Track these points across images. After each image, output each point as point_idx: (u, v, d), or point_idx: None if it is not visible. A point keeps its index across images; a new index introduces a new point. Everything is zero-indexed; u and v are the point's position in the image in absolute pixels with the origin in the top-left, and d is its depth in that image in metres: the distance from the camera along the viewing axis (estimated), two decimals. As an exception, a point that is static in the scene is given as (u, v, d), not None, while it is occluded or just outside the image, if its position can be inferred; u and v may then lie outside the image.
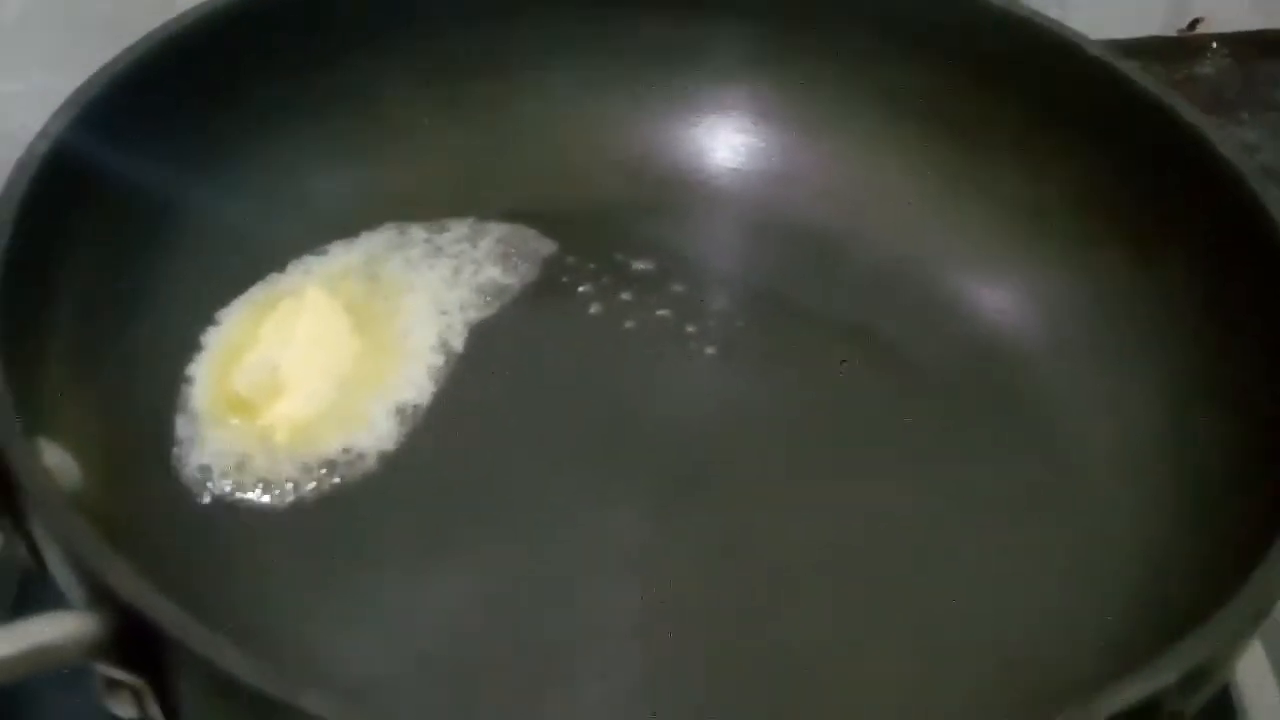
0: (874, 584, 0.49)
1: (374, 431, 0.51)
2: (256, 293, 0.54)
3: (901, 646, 0.48)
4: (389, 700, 0.44)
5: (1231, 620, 0.39)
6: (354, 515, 0.49)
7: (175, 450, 0.49)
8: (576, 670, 0.46)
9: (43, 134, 0.46)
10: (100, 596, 0.36)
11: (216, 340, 0.52)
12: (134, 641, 0.36)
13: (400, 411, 0.52)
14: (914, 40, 0.58)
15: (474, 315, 0.55)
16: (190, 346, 0.52)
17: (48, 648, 0.35)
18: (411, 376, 0.53)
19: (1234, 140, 0.53)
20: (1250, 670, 0.53)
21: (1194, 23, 0.88)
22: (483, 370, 0.54)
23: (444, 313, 0.55)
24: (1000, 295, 0.57)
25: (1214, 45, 0.88)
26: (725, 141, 0.61)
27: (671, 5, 0.59)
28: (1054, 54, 0.56)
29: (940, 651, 0.48)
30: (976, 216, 0.58)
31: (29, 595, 0.51)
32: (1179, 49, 0.87)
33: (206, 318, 0.53)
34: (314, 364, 0.52)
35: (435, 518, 0.49)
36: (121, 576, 0.35)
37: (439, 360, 0.53)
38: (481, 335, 0.55)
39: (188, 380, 0.51)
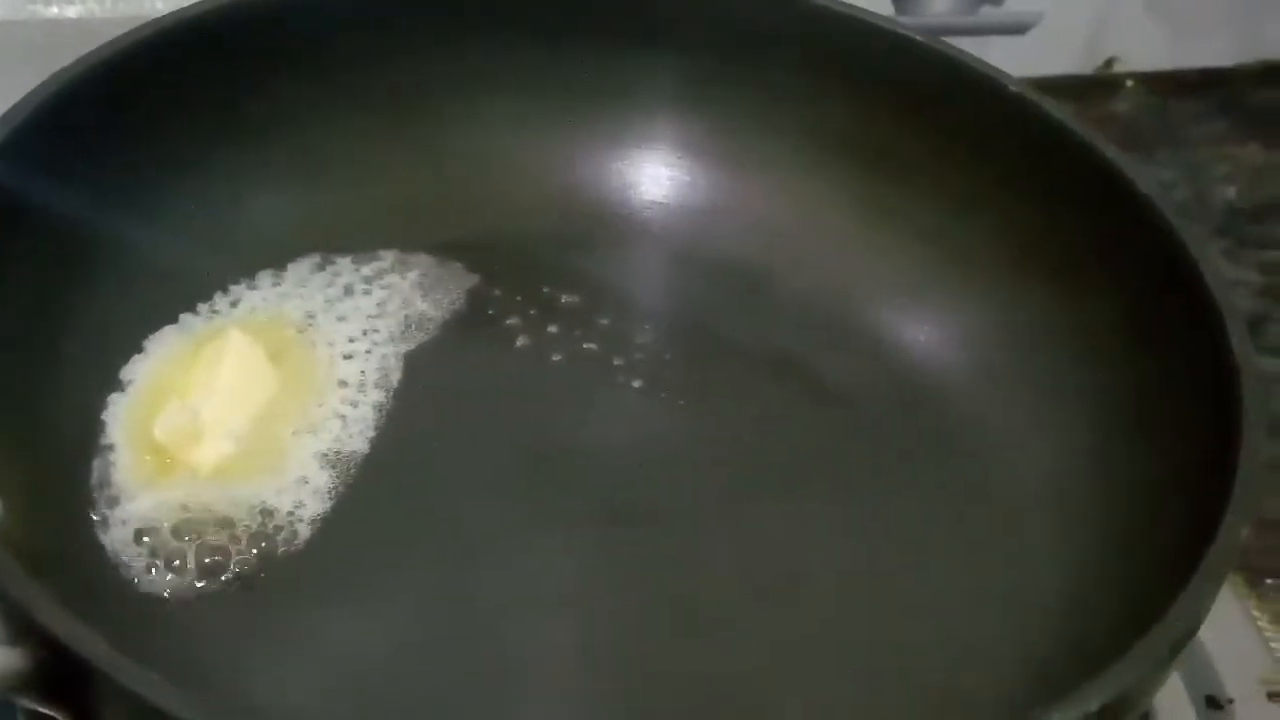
0: (800, 615, 0.49)
1: (298, 471, 0.50)
2: (186, 323, 0.54)
3: (828, 677, 0.48)
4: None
5: (1152, 650, 0.40)
6: (282, 554, 0.48)
7: (95, 496, 0.48)
8: (510, 704, 0.46)
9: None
10: (24, 630, 0.35)
11: (139, 377, 0.51)
12: (59, 675, 0.35)
13: (324, 450, 0.51)
14: (839, 75, 0.59)
15: (401, 348, 0.55)
16: (113, 382, 0.51)
17: (-30, 681, 0.35)
18: (336, 412, 0.52)
19: (1150, 176, 0.54)
20: (1168, 699, 0.54)
21: (1109, 61, 0.89)
22: (409, 404, 0.53)
23: (370, 345, 0.55)
24: (926, 326, 0.58)
25: (1129, 84, 0.89)
26: (652, 175, 0.62)
27: (600, 40, 0.60)
28: (976, 90, 0.57)
29: (867, 682, 0.48)
30: (901, 249, 0.59)
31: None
32: (1095, 87, 0.89)
33: (133, 347, 0.52)
34: (236, 407, 0.51)
35: (364, 554, 0.49)
36: (47, 610, 0.35)
37: (364, 395, 0.53)
38: (408, 369, 0.54)
39: (109, 421, 0.50)
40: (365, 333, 0.55)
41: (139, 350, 0.52)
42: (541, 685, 0.47)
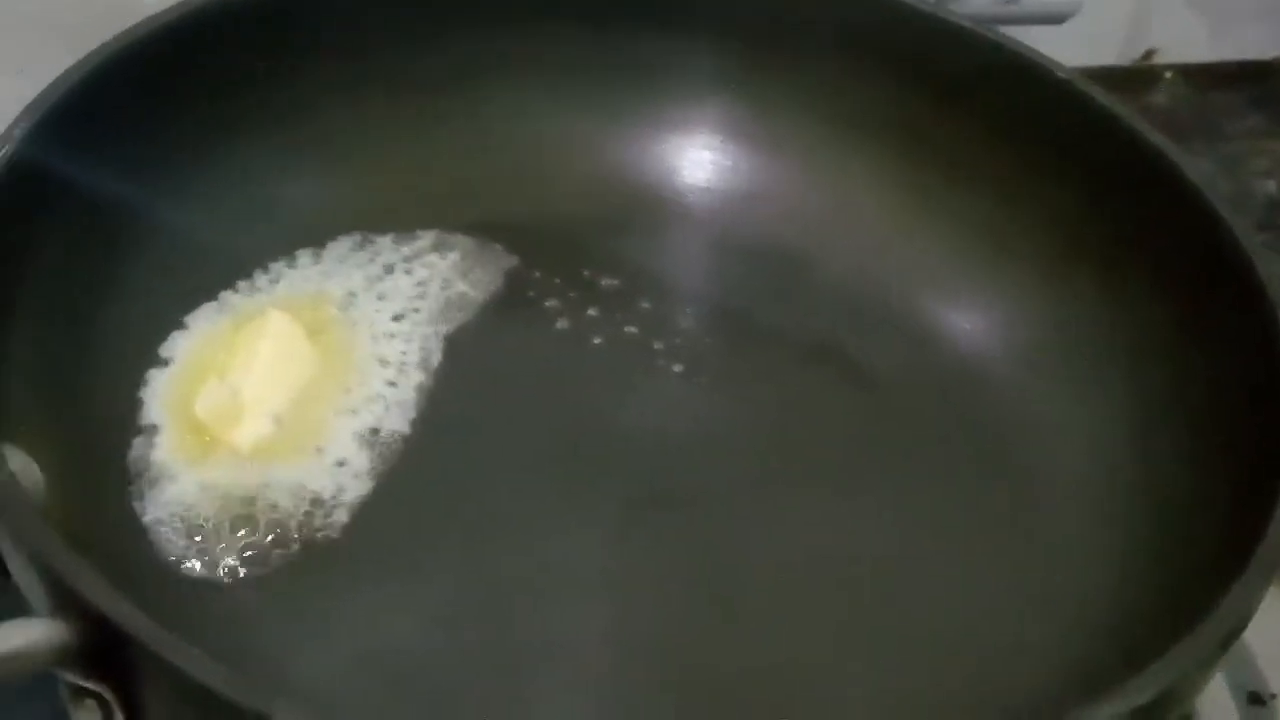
0: (835, 605, 0.49)
1: (338, 452, 0.50)
2: (226, 301, 0.54)
3: (866, 668, 0.48)
4: (358, 714, 0.43)
5: (1199, 647, 0.39)
6: (322, 537, 0.48)
7: (135, 474, 0.48)
8: (545, 689, 0.46)
9: (3, 139, 0.46)
10: (68, 604, 0.35)
11: (179, 354, 0.51)
12: (102, 650, 0.35)
13: (363, 430, 0.51)
14: (883, 61, 0.58)
15: (441, 328, 0.55)
16: (154, 359, 0.51)
17: (15, 655, 0.35)
18: (376, 392, 0.52)
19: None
20: (1210, 694, 0.53)
21: (1148, 53, 0.88)
22: (449, 385, 0.53)
23: (411, 325, 0.54)
24: (966, 315, 0.58)
25: (1168, 75, 0.88)
26: (693, 159, 0.61)
27: (643, 22, 0.59)
28: (1022, 76, 0.56)
29: (905, 672, 0.48)
30: (943, 236, 0.59)
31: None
32: (1133, 79, 0.88)
33: (174, 324, 0.52)
34: (276, 387, 0.51)
35: (402, 537, 0.48)
36: (91, 584, 0.35)
37: (405, 376, 0.53)
38: (448, 350, 0.54)
39: (149, 398, 0.50)
40: (406, 313, 0.55)
41: (179, 327, 0.52)
42: (576, 670, 0.47)
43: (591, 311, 0.57)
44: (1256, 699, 0.53)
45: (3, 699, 0.45)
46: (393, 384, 0.52)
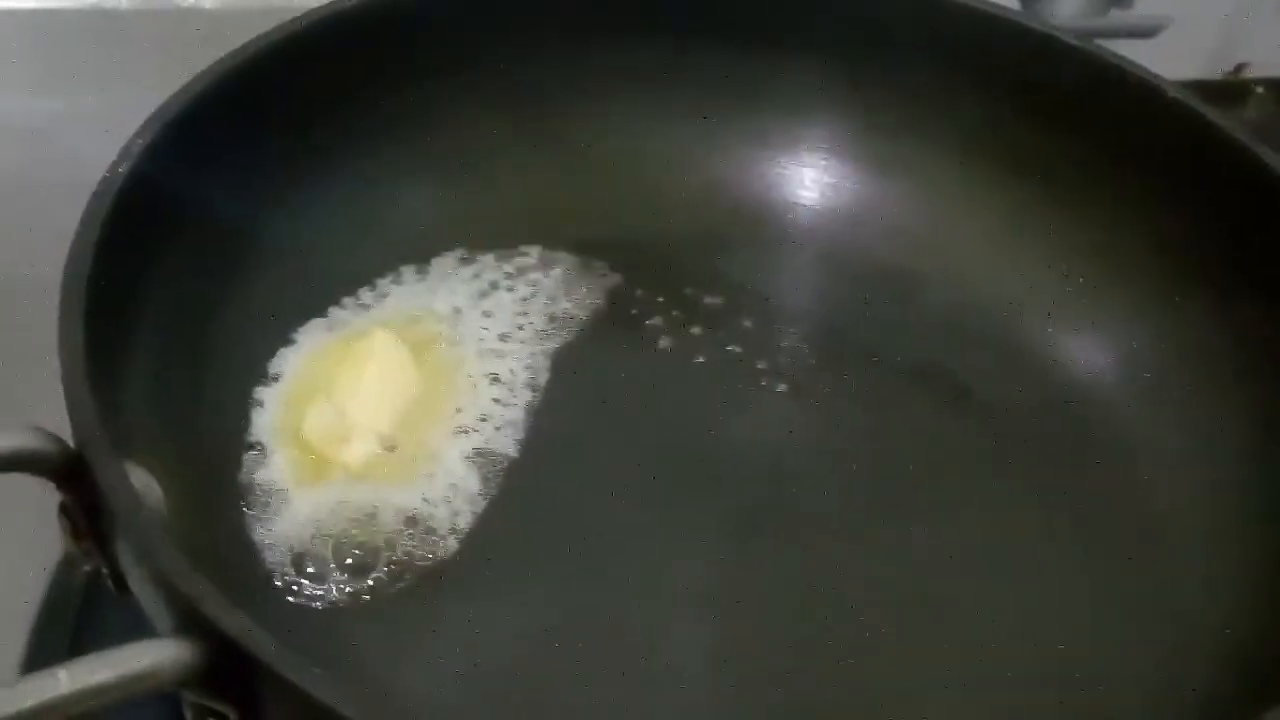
0: (941, 632, 0.49)
1: (447, 474, 0.50)
2: (333, 316, 0.54)
3: (969, 698, 0.47)
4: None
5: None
6: (431, 559, 0.48)
7: (247, 494, 0.48)
8: (647, 709, 0.46)
9: (123, 155, 0.46)
10: (193, 624, 0.35)
11: (288, 371, 0.52)
12: (226, 670, 0.35)
13: (473, 452, 0.51)
14: (990, 78, 0.58)
15: (546, 346, 0.55)
16: (263, 375, 0.51)
17: (142, 675, 0.35)
18: (484, 411, 0.52)
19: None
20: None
21: (1239, 67, 0.87)
22: (555, 404, 0.53)
23: (517, 344, 0.54)
24: (1076, 339, 0.57)
25: (1259, 90, 0.87)
26: (797, 177, 0.61)
27: (746, 38, 0.59)
28: (1133, 95, 0.56)
29: (1011, 703, 0.47)
30: (1050, 258, 0.58)
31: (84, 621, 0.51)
32: (1223, 93, 0.86)
33: (282, 339, 0.52)
34: (383, 408, 0.51)
35: (509, 554, 0.48)
36: (216, 604, 0.35)
37: (513, 394, 0.53)
38: (551, 368, 0.54)
39: (259, 417, 0.50)
40: (511, 331, 0.55)
41: (288, 343, 0.52)
42: (679, 691, 0.46)
43: (694, 330, 0.57)
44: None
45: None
46: (501, 403, 0.52)
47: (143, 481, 0.40)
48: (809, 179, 0.61)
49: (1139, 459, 0.54)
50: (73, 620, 0.51)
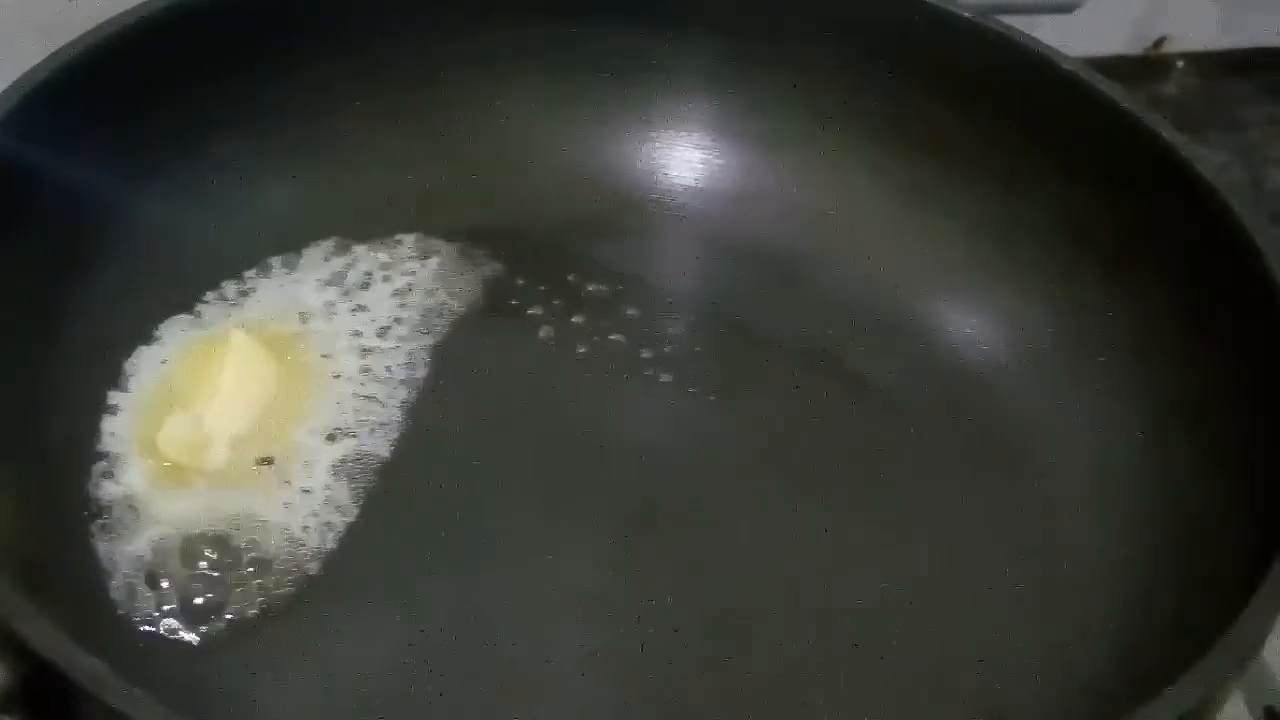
0: (837, 622, 0.48)
1: (312, 478, 0.48)
2: (195, 312, 0.52)
3: (861, 686, 0.46)
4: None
5: (1217, 667, 0.38)
6: (296, 565, 0.46)
7: (94, 503, 0.46)
8: (530, 711, 0.45)
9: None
10: (10, 646, 0.34)
11: (143, 372, 0.50)
12: (45, 693, 0.34)
13: (340, 452, 0.49)
14: (880, 55, 0.57)
15: (422, 339, 0.53)
16: (117, 374, 0.50)
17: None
18: (352, 410, 0.50)
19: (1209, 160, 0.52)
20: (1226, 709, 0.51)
21: (1159, 41, 0.87)
22: (428, 401, 0.52)
23: (393, 338, 0.53)
24: (969, 317, 0.56)
25: (1179, 64, 0.87)
26: (682, 158, 0.60)
27: (629, 18, 0.58)
28: (1026, 69, 0.55)
29: (908, 693, 0.46)
30: (944, 236, 0.57)
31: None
32: (1144, 68, 0.86)
33: (141, 336, 0.51)
34: (241, 413, 0.49)
35: (379, 566, 0.47)
36: (34, 626, 0.34)
37: (382, 391, 0.51)
38: (428, 361, 0.53)
39: (112, 422, 0.48)
40: (387, 324, 0.53)
41: (147, 340, 0.51)
42: (563, 695, 0.45)
43: (576, 319, 0.55)
44: (1274, 715, 0.52)
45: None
46: (374, 400, 0.51)
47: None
48: (695, 160, 0.60)
49: (1035, 444, 0.53)
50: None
